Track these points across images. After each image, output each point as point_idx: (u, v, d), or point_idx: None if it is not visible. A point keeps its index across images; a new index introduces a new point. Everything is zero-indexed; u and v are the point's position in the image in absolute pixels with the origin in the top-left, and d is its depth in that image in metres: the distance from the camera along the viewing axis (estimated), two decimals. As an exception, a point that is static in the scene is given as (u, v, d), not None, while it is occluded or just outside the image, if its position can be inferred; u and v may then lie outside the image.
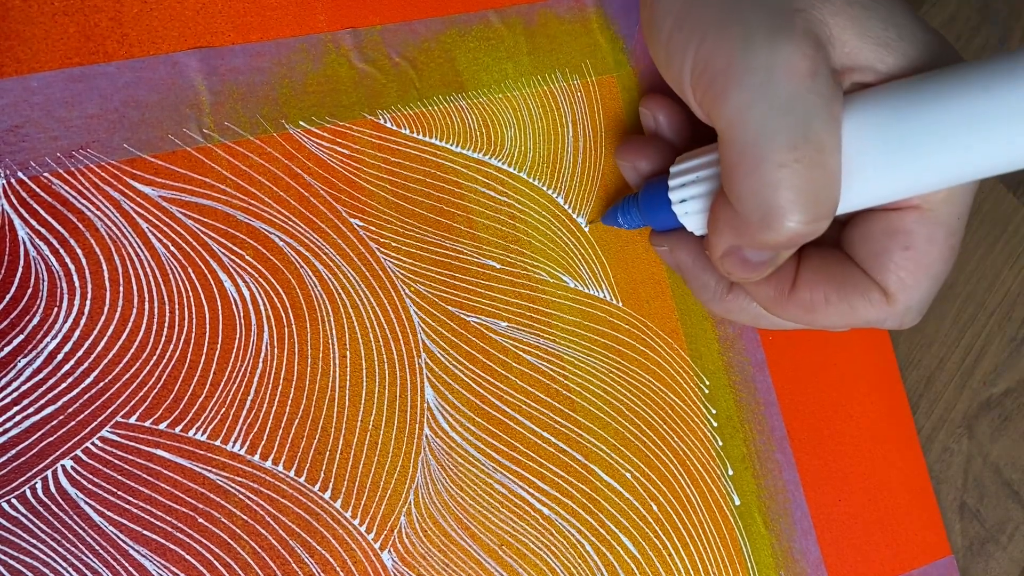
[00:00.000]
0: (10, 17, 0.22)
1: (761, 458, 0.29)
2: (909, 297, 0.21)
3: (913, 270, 0.21)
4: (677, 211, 0.23)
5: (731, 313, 0.25)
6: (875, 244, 0.21)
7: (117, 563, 0.22)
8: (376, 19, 0.26)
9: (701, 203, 0.23)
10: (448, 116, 0.26)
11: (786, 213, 0.19)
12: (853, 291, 0.22)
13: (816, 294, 0.22)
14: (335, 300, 0.25)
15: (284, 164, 0.25)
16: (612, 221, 0.27)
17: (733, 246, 0.21)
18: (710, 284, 0.25)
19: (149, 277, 0.23)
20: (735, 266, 0.22)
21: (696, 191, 0.23)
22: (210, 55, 0.24)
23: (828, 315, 0.22)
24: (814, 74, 0.19)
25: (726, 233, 0.21)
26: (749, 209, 0.20)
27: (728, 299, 0.25)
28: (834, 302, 0.22)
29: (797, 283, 0.23)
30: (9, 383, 0.22)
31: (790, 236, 0.19)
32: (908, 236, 0.21)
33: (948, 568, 0.30)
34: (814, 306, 0.22)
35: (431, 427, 0.25)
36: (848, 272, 0.22)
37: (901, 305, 0.21)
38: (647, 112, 0.26)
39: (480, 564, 0.25)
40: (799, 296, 0.22)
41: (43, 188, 0.22)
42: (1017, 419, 0.33)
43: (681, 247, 0.25)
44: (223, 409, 0.23)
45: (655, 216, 0.25)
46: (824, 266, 0.22)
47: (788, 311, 0.23)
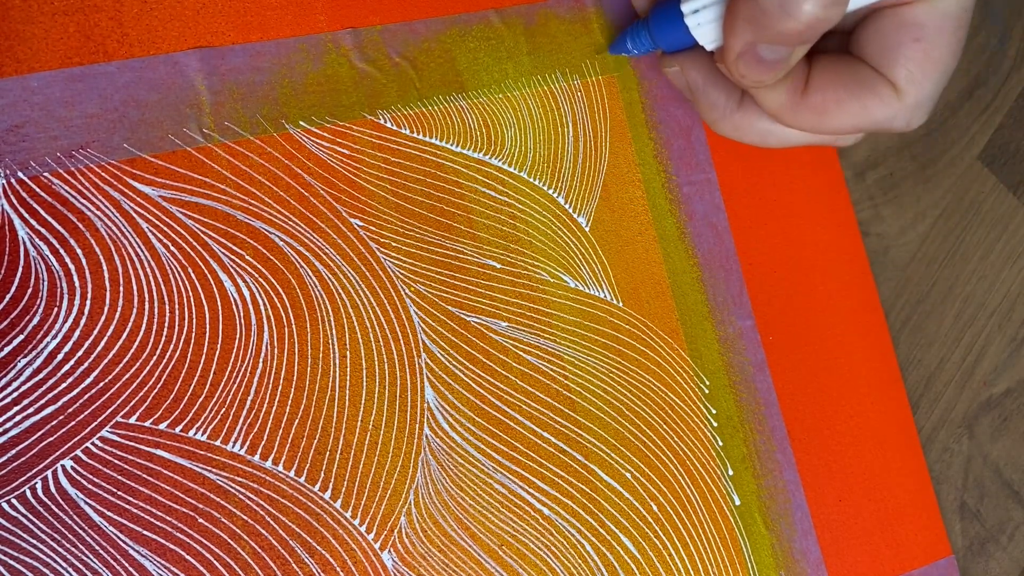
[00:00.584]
0: (10, 17, 0.22)
1: (761, 458, 0.29)
2: (919, 90, 0.22)
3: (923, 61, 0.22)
4: (690, 23, 0.24)
5: (740, 130, 0.26)
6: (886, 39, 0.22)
7: (117, 563, 0.22)
8: (376, 19, 0.26)
9: (714, 11, 0.23)
10: (448, 116, 0.26)
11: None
12: (864, 89, 0.22)
13: (828, 95, 0.23)
14: (335, 300, 0.25)
15: (284, 164, 0.25)
16: (621, 48, 0.27)
17: (749, 44, 0.21)
18: (720, 101, 0.25)
19: (149, 277, 0.23)
20: (750, 66, 0.22)
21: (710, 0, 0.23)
22: (210, 55, 0.24)
23: (840, 116, 0.23)
24: None
25: (744, 29, 0.21)
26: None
27: (737, 115, 0.25)
28: (845, 101, 0.23)
29: (809, 86, 0.23)
30: (9, 383, 0.22)
31: (808, 21, 0.20)
32: (919, 28, 0.22)
33: (948, 568, 0.30)
34: (826, 108, 0.23)
35: (431, 427, 0.25)
36: (859, 71, 0.23)
37: (911, 99, 0.22)
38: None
39: (480, 564, 0.25)
40: (811, 99, 0.23)
41: (43, 188, 0.22)
42: (1017, 419, 0.33)
43: (692, 65, 0.25)
44: (223, 409, 0.23)
45: (666, 35, 0.25)
46: (835, 68, 0.23)
47: (800, 116, 0.23)
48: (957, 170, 0.34)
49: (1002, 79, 0.35)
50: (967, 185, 0.34)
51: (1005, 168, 0.34)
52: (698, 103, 0.26)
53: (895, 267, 0.32)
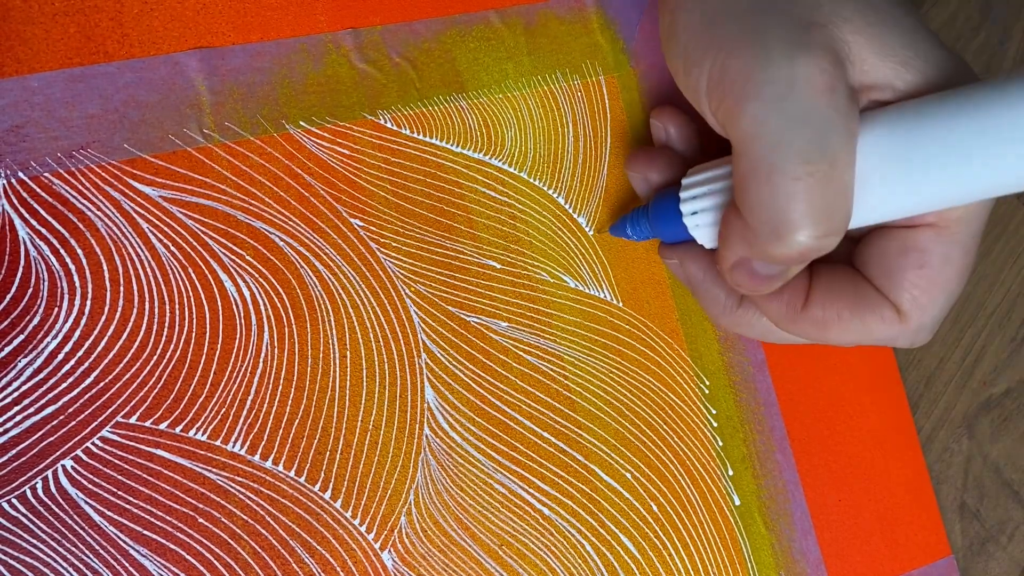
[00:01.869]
0: (10, 17, 0.22)
1: (761, 458, 0.29)
2: (923, 316, 0.21)
3: (927, 289, 0.21)
4: (688, 223, 0.23)
5: (740, 327, 0.25)
6: (889, 262, 0.21)
7: (117, 563, 0.22)
8: (376, 19, 0.26)
9: (712, 216, 0.23)
10: (448, 116, 0.26)
11: (797, 227, 0.19)
12: (866, 309, 0.22)
13: (828, 311, 0.22)
14: (335, 300, 0.25)
15: (284, 164, 0.25)
16: (621, 232, 0.27)
17: (743, 258, 0.21)
18: (720, 298, 0.25)
19: (149, 277, 0.23)
20: (744, 279, 0.21)
21: (708, 203, 0.23)
22: (210, 55, 0.24)
23: (840, 332, 0.22)
24: (832, 89, 0.19)
25: (736, 245, 0.21)
26: (760, 221, 0.19)
27: (738, 313, 0.25)
28: (846, 319, 0.22)
29: (809, 300, 0.22)
30: (9, 383, 0.22)
31: (800, 250, 0.19)
32: (923, 254, 0.21)
33: (948, 568, 0.30)
34: (826, 323, 0.22)
35: (431, 427, 0.25)
36: (861, 290, 0.22)
37: (914, 323, 0.21)
38: (658, 124, 0.26)
39: (480, 564, 0.25)
40: (811, 313, 0.22)
41: (44, 188, 0.22)
42: (1017, 419, 0.33)
43: (691, 260, 0.25)
44: (223, 409, 0.23)
45: (665, 228, 0.25)
46: (836, 283, 0.22)
47: (799, 327, 0.23)
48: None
49: (1002, 79, 0.35)
50: (967, 185, 0.34)
51: (1005, 168, 0.34)
52: (698, 298, 0.26)
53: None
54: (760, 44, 0.19)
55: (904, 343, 0.22)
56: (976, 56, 0.35)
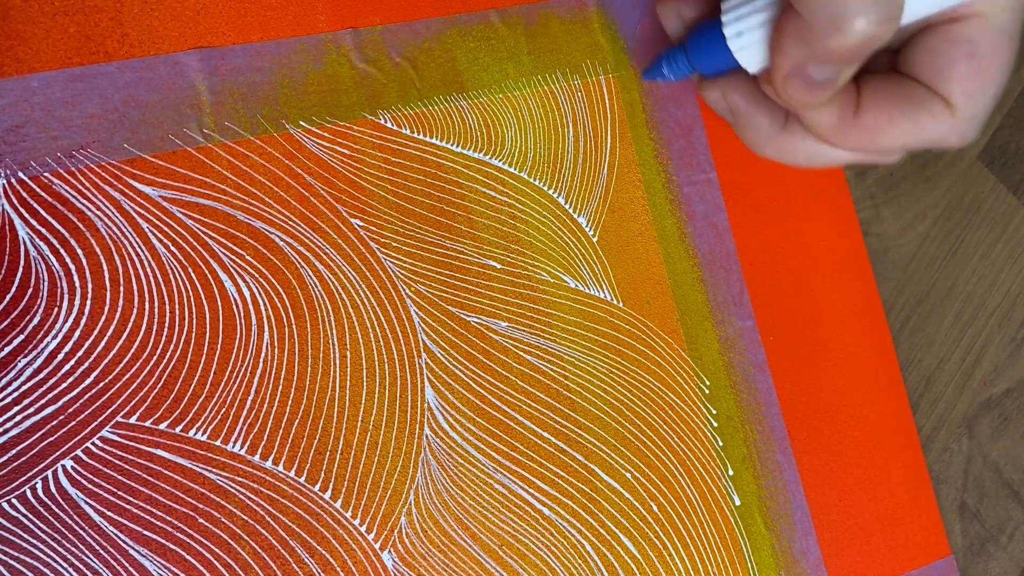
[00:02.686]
0: (10, 17, 0.22)
1: (761, 458, 0.29)
2: (973, 106, 0.22)
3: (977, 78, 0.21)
4: (733, 46, 0.23)
5: (784, 152, 0.25)
6: (938, 56, 0.22)
7: (117, 563, 0.22)
8: (377, 19, 0.26)
9: (759, 33, 0.22)
10: (448, 116, 0.26)
11: (857, 12, 0.19)
12: (917, 106, 0.22)
13: (880, 114, 0.22)
14: (335, 300, 0.25)
15: (284, 164, 0.25)
16: (656, 74, 0.26)
17: (798, 64, 0.21)
18: (764, 124, 0.25)
19: (149, 277, 0.23)
20: (799, 87, 0.21)
21: (754, 21, 0.22)
22: (210, 55, 0.24)
23: (892, 135, 0.22)
24: None
25: (793, 48, 0.21)
26: (819, 14, 0.19)
27: (782, 137, 0.25)
28: (897, 120, 0.22)
29: (860, 107, 0.23)
30: (9, 383, 0.22)
31: (861, 39, 0.19)
32: (972, 44, 0.21)
33: (948, 568, 0.30)
34: (878, 127, 0.22)
35: (431, 427, 0.25)
36: (910, 89, 0.22)
37: (965, 116, 0.22)
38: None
39: (480, 564, 0.25)
40: (863, 119, 0.22)
41: (43, 188, 0.22)
42: (1017, 419, 0.33)
43: (734, 89, 0.25)
44: (223, 409, 0.23)
45: (706, 58, 0.24)
46: (884, 87, 0.23)
47: (851, 137, 0.23)
48: (957, 170, 0.34)
49: (1002, 79, 0.35)
50: (967, 185, 0.34)
51: (1005, 168, 0.34)
52: (740, 127, 0.25)
53: (895, 267, 0.32)
54: None
55: (954, 139, 0.22)
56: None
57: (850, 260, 0.31)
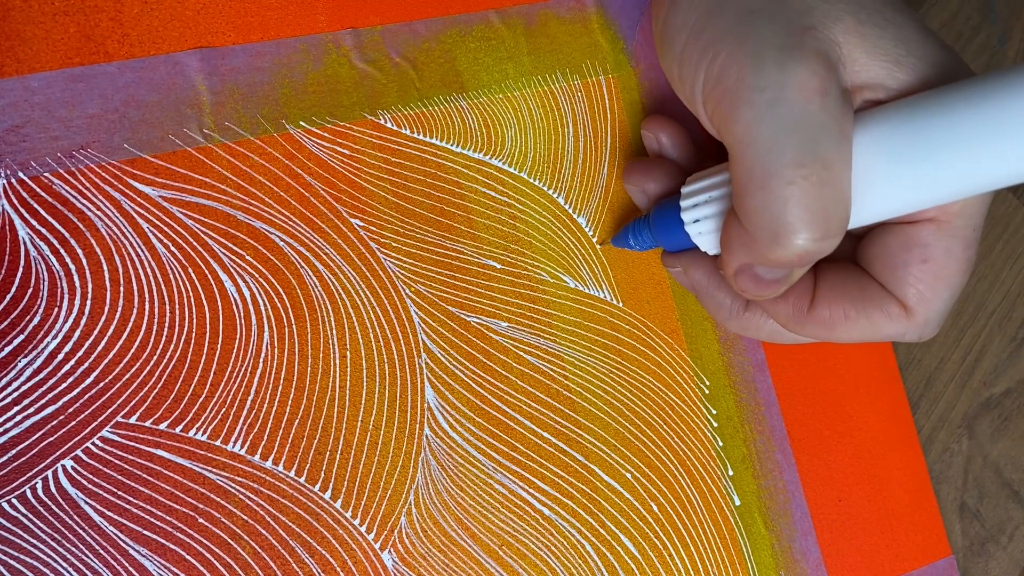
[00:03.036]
0: (11, 17, 0.22)
1: (761, 458, 0.29)
2: (929, 309, 0.21)
3: (932, 283, 0.21)
4: (690, 231, 0.23)
5: (748, 331, 0.25)
6: (893, 258, 0.22)
7: (117, 563, 0.22)
8: (377, 19, 0.26)
9: (714, 223, 0.23)
10: (448, 116, 0.26)
11: (795, 230, 0.19)
12: (872, 306, 0.22)
13: (835, 310, 0.22)
14: (335, 300, 0.25)
15: (284, 164, 0.25)
16: (623, 243, 0.27)
17: (745, 264, 0.21)
18: (726, 303, 0.25)
19: (149, 277, 0.23)
20: (749, 284, 0.22)
21: (708, 211, 0.23)
22: (211, 55, 0.24)
23: (847, 330, 0.22)
24: (824, 93, 0.19)
25: (738, 251, 0.21)
26: (758, 226, 0.20)
27: (744, 317, 0.25)
28: (853, 318, 0.22)
29: (815, 300, 0.23)
30: (10, 383, 0.22)
31: (800, 253, 0.19)
32: (925, 249, 0.21)
33: (948, 568, 0.30)
34: (833, 322, 0.22)
35: (431, 427, 0.25)
36: (866, 287, 0.22)
37: (921, 318, 0.22)
38: (649, 134, 0.26)
39: (480, 564, 0.25)
40: (818, 313, 0.22)
41: (44, 188, 0.22)
42: (1017, 419, 0.33)
43: (695, 267, 0.25)
44: (223, 409, 0.23)
45: (668, 237, 0.25)
46: (841, 282, 0.22)
47: (807, 328, 0.23)
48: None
49: (1002, 79, 0.35)
50: (967, 185, 0.34)
51: (1005, 168, 0.34)
52: (704, 303, 0.26)
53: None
54: (752, 49, 0.19)
55: (912, 338, 0.22)
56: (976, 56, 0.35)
57: (850, 260, 0.31)
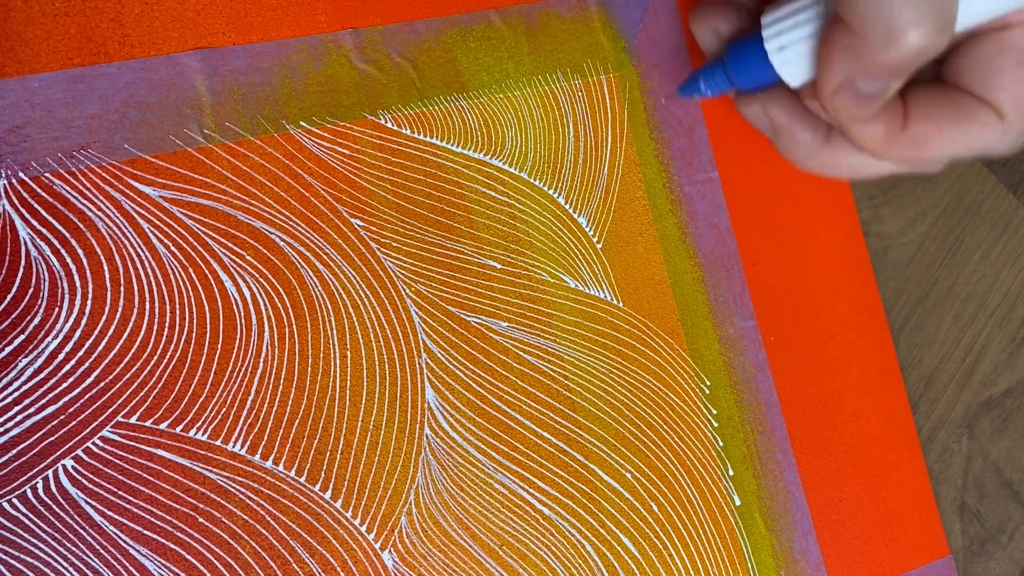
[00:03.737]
0: (11, 18, 0.22)
1: (762, 458, 0.29)
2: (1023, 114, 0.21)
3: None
4: (775, 60, 0.23)
5: (827, 167, 0.25)
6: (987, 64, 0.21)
7: (117, 563, 0.22)
8: (377, 19, 0.26)
9: (802, 47, 0.22)
10: (449, 116, 0.26)
11: (911, 24, 0.19)
12: (965, 116, 0.22)
13: (928, 126, 0.22)
14: (335, 300, 0.25)
15: (285, 164, 0.25)
16: (693, 90, 0.26)
17: (847, 78, 0.21)
18: (806, 138, 0.24)
19: (150, 277, 0.23)
20: (848, 100, 0.21)
21: (797, 35, 0.22)
22: (211, 56, 0.24)
23: (941, 146, 0.22)
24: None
25: (842, 62, 0.21)
26: (872, 26, 0.19)
27: (825, 151, 0.24)
28: (947, 130, 0.22)
29: (908, 118, 0.22)
30: (10, 383, 0.22)
31: (915, 51, 0.19)
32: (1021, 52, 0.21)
33: (948, 568, 0.30)
34: (927, 138, 0.22)
35: (432, 427, 0.25)
36: (958, 99, 0.22)
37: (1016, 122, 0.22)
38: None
39: (480, 564, 0.25)
40: (911, 131, 0.22)
41: (44, 188, 0.22)
42: (1017, 419, 0.33)
43: (774, 104, 0.25)
44: (223, 409, 0.23)
45: (746, 74, 0.24)
46: (931, 98, 0.22)
47: (899, 148, 0.23)
48: (957, 170, 0.34)
49: (1003, 79, 0.35)
50: (967, 185, 0.34)
51: (1005, 168, 0.34)
52: (782, 142, 0.25)
53: (895, 267, 0.32)
54: None
55: (1004, 147, 0.22)
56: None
57: (851, 260, 0.31)
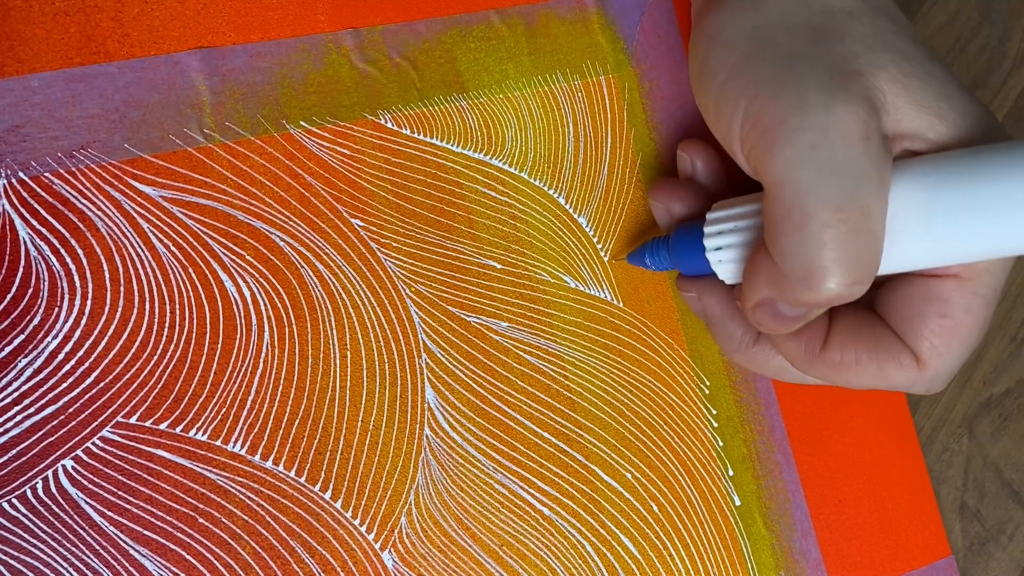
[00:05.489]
0: (11, 17, 0.22)
1: (761, 458, 0.29)
2: (941, 364, 0.21)
3: (948, 338, 0.21)
4: (711, 258, 0.23)
5: (754, 364, 0.25)
6: (911, 309, 0.22)
7: (117, 563, 0.22)
8: (377, 19, 0.26)
9: (736, 252, 0.23)
10: (449, 116, 0.26)
11: (828, 274, 0.19)
12: (885, 354, 0.22)
13: (847, 354, 0.22)
14: (335, 300, 0.25)
15: (285, 164, 0.25)
16: (639, 261, 0.26)
17: (767, 298, 0.21)
18: (736, 334, 0.25)
19: (150, 277, 0.23)
20: (767, 318, 0.22)
21: (732, 240, 0.23)
22: (211, 55, 0.24)
23: (857, 376, 0.22)
24: (867, 138, 0.19)
25: (762, 286, 0.21)
26: (791, 266, 0.20)
27: (753, 351, 0.25)
28: (864, 363, 0.22)
29: (828, 342, 0.22)
30: (10, 383, 0.22)
31: (829, 297, 0.19)
32: (945, 304, 0.21)
33: (948, 568, 0.30)
34: (844, 366, 0.22)
35: (431, 427, 0.25)
36: (880, 335, 0.22)
37: (932, 371, 0.22)
38: (685, 156, 0.26)
39: (480, 564, 0.25)
40: (829, 355, 0.22)
41: (44, 188, 0.22)
42: (1017, 419, 0.33)
43: (710, 294, 0.25)
44: (223, 409, 0.23)
45: (686, 261, 0.25)
46: (856, 327, 0.22)
47: (816, 369, 0.23)
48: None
49: (1002, 79, 0.35)
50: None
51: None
52: (714, 332, 0.26)
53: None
54: (796, 90, 0.20)
55: (920, 390, 0.22)
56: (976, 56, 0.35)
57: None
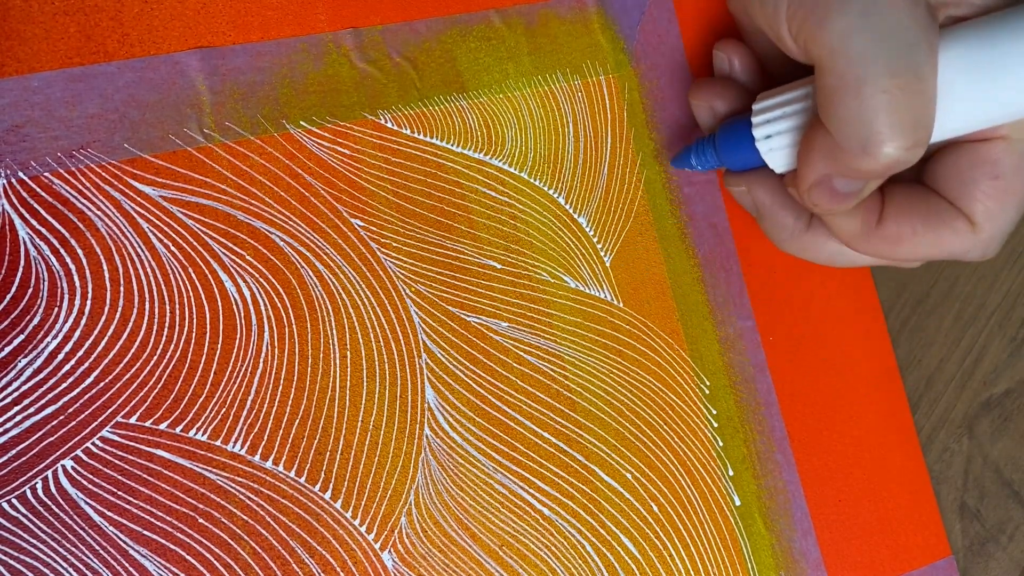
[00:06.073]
0: (10, 17, 0.22)
1: (761, 459, 0.29)
2: (994, 226, 0.22)
3: (1000, 198, 0.22)
4: (761, 147, 0.23)
5: (807, 251, 0.25)
6: (962, 174, 0.22)
7: (117, 563, 0.22)
8: (377, 19, 0.26)
9: (787, 138, 0.23)
10: (449, 116, 0.26)
11: (886, 139, 0.19)
12: (939, 222, 0.22)
13: (903, 226, 0.23)
14: (335, 300, 0.25)
15: (285, 164, 0.25)
16: (684, 163, 0.27)
17: (824, 176, 0.21)
18: (788, 222, 0.25)
19: (150, 277, 0.23)
20: (824, 197, 0.22)
21: (783, 126, 0.23)
22: (211, 55, 0.24)
23: (914, 247, 0.23)
24: (914, 3, 0.19)
25: (819, 162, 0.21)
26: (848, 135, 0.20)
27: (806, 237, 0.25)
28: (920, 233, 0.22)
29: (883, 216, 0.23)
30: (10, 383, 0.22)
31: (888, 162, 0.20)
32: (995, 165, 0.22)
33: (948, 568, 0.30)
34: (900, 238, 0.23)
35: (431, 427, 0.25)
36: (933, 204, 0.22)
37: (986, 234, 0.22)
38: (722, 55, 0.27)
39: (480, 564, 0.25)
40: (885, 229, 0.23)
41: (44, 188, 0.22)
42: (1017, 419, 0.33)
43: (760, 186, 0.25)
44: (223, 409, 0.23)
45: (734, 155, 0.25)
46: (909, 199, 0.23)
47: (872, 245, 0.23)
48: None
49: (1002, 79, 0.35)
50: (967, 185, 0.34)
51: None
52: (764, 223, 0.26)
53: (895, 267, 0.32)
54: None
55: (975, 255, 0.23)
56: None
57: (850, 260, 0.31)
